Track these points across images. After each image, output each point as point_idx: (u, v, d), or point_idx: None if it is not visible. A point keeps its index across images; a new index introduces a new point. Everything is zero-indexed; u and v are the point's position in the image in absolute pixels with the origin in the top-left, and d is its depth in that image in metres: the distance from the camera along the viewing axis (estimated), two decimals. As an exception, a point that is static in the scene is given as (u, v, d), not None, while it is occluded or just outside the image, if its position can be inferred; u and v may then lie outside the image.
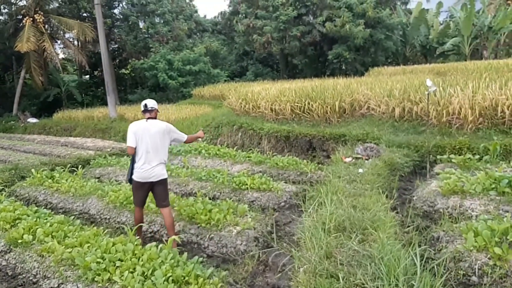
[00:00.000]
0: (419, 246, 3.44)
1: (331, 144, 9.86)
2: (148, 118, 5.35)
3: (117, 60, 35.75)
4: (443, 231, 4.54)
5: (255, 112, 13.12)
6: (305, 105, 11.56)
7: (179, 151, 10.88)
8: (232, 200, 6.39)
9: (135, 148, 5.27)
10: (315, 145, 10.37)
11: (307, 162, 8.81)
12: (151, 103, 5.43)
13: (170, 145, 5.64)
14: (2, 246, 5.31)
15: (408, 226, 4.68)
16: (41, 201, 7.72)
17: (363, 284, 3.00)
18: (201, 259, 4.41)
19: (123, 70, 36.74)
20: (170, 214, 5.36)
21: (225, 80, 31.16)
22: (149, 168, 5.22)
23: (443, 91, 9.44)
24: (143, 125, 5.30)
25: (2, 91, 28.41)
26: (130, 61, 34.12)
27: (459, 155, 7.49)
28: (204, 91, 25.61)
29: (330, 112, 11.04)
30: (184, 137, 5.66)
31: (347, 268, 3.18)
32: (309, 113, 11.45)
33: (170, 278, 3.90)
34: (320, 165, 8.67)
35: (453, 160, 7.14)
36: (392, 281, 2.97)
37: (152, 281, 3.89)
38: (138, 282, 3.88)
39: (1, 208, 6.24)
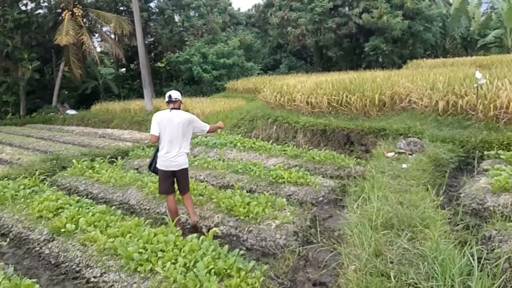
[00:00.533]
0: (471, 245, 3.25)
1: (370, 138, 9.60)
2: (172, 108, 5.48)
3: (153, 54, 36.20)
4: (496, 230, 4.30)
5: (290, 105, 12.95)
6: (342, 98, 11.30)
7: (214, 143, 10.87)
8: (269, 194, 6.30)
9: (159, 138, 5.44)
10: (353, 139, 10.13)
11: (345, 156, 8.62)
12: (175, 94, 5.56)
13: (193, 135, 5.77)
14: (46, 234, 5.40)
15: (457, 224, 4.46)
16: (82, 191, 7.85)
17: (416, 283, 2.84)
18: (241, 252, 4.34)
19: (159, 64, 37.19)
20: (191, 200, 5.64)
21: (259, 73, 31.06)
22: (172, 157, 5.39)
23: (490, 84, 9.02)
24: (167, 115, 5.43)
25: (42, 83, 29.20)
26: (165, 54, 34.52)
27: (507, 151, 7.13)
28: (237, 84, 25.61)
29: (369, 105, 10.75)
30: (207, 127, 5.77)
31: (398, 266, 3.03)
32: (346, 106, 11.19)
33: (212, 271, 3.85)
34: (358, 159, 8.45)
35: (501, 156, 6.80)
36: (448, 282, 2.80)
37: (194, 272, 3.84)
38: (180, 273, 3.84)
39: (44, 197, 6.37)
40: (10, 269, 4.08)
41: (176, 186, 5.66)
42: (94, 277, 4.36)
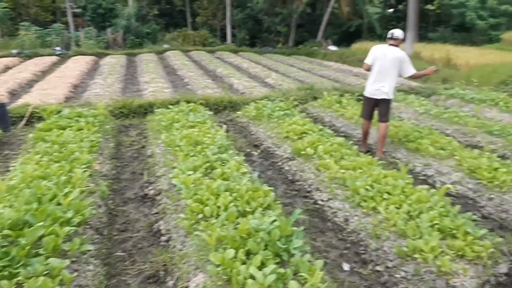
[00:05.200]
0: None
1: None
2: (390, 44, 5.95)
3: (425, -6, 33.82)
4: None
5: None
6: None
7: (472, 98, 9.81)
8: (527, 165, 5.43)
9: (371, 67, 6.06)
10: None
11: None
12: (397, 32, 5.96)
13: (399, 74, 6.05)
14: (289, 153, 6.01)
15: None
16: (326, 122, 8.33)
17: None
18: (474, 217, 3.96)
19: (429, 6, 34.70)
20: (385, 129, 6.16)
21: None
22: (376, 87, 6.00)
23: None
24: (384, 49, 5.96)
25: (312, 17, 30.91)
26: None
27: None
28: (517, 36, 21.97)
29: None
30: (413, 71, 5.99)
31: None
32: None
33: (436, 226, 3.66)
34: None
35: None
36: None
37: (416, 222, 3.73)
38: (402, 220, 3.78)
39: (293, 120, 7.02)
40: (255, 174, 4.73)
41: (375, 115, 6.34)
42: (322, 200, 4.70)
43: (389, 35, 5.98)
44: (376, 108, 6.26)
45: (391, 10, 36.28)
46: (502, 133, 6.89)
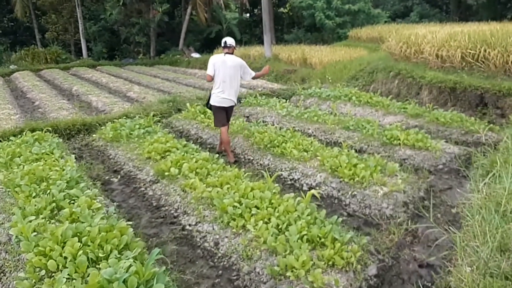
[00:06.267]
0: None
1: (509, 101, 8.29)
2: (226, 53, 6.22)
3: (277, -1, 35.53)
4: None
5: (417, 58, 11.69)
6: (480, 52, 9.83)
7: (328, 95, 10.34)
8: (381, 156, 5.75)
9: (213, 77, 6.20)
10: (487, 101, 8.83)
11: (475, 120, 7.55)
12: (230, 40, 6.29)
13: (241, 78, 6.40)
14: (152, 176, 5.56)
15: None
16: (192, 134, 8.02)
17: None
18: (340, 219, 3.96)
19: (282, 9, 36.51)
20: (227, 131, 6.45)
21: (385, 21, 28.79)
22: (224, 96, 6.17)
23: None
24: (222, 58, 6.19)
25: (171, 26, 30.47)
26: (289, -1, 33.60)
27: None
28: (361, 33, 24.08)
29: (511, 62, 9.23)
30: (252, 74, 6.48)
31: (530, 270, 2.42)
32: (483, 62, 9.73)
33: (305, 237, 3.56)
34: (491, 125, 7.32)
35: None
36: None
37: (285, 236, 3.59)
38: (272, 235, 3.62)
39: (155, 139, 6.57)
40: (111, 208, 4.23)
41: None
42: (190, 225, 4.36)
43: (222, 44, 6.28)
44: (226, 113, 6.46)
45: (248, 15, 37.40)
46: (357, 127, 7.27)
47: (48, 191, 4.44)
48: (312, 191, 4.17)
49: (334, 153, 5.69)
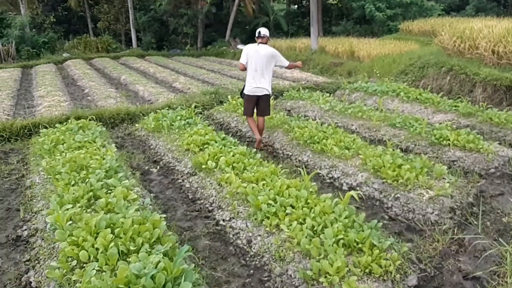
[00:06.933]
0: None
1: None
2: (260, 43, 6.37)
3: (326, -11, 34.85)
4: None
5: (471, 54, 11.08)
6: (542, 48, 9.19)
7: (375, 90, 9.98)
8: (428, 157, 5.46)
9: (247, 66, 6.34)
10: (548, 101, 8.26)
11: (534, 121, 7.05)
12: (263, 30, 6.45)
13: (275, 67, 6.51)
14: (189, 168, 5.54)
15: None
16: (232, 127, 7.96)
17: None
18: (380, 223, 3.75)
19: (331, 0, 35.82)
20: (264, 122, 6.62)
21: (439, 14, 27.55)
22: (257, 85, 6.28)
23: None
24: (255, 48, 6.35)
25: (218, 17, 30.59)
26: (338, -10, 32.86)
27: None
28: (413, 26, 23.15)
29: None
30: (286, 63, 6.53)
31: None
32: (545, 59, 9.10)
33: (341, 241, 3.39)
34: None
35: None
36: None
37: (320, 239, 3.44)
38: (306, 237, 3.47)
39: (194, 131, 6.55)
40: (147, 199, 4.22)
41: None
42: (223, 220, 4.29)
43: (256, 34, 6.42)
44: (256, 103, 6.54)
45: (296, 6, 36.99)
46: (404, 125, 6.95)
47: (87, 179, 4.50)
48: (351, 192, 3.97)
49: (378, 152, 5.45)
